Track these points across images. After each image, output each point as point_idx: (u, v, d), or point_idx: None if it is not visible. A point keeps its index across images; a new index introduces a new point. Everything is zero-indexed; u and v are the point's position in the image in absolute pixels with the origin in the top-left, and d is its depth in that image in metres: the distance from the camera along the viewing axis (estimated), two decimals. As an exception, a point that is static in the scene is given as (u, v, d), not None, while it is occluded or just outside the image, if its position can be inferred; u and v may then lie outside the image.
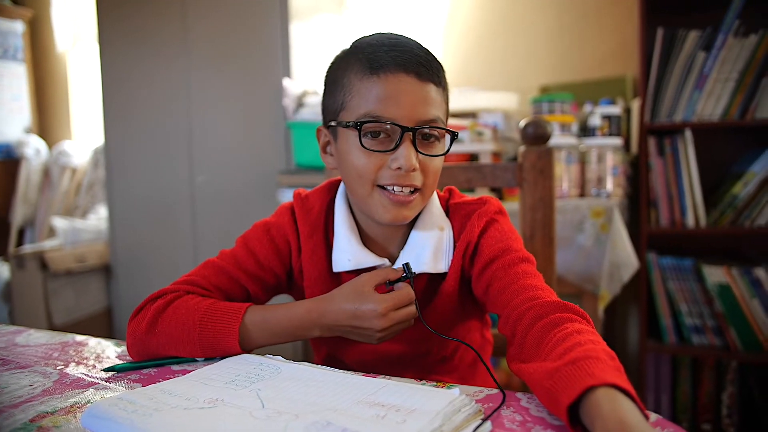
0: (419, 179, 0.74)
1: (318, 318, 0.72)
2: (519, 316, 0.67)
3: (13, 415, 0.58)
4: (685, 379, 1.95)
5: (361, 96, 0.73)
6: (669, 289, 1.91)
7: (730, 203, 1.85)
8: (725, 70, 1.82)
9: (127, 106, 2.58)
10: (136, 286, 2.65)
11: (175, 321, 0.73)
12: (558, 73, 2.39)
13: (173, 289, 0.78)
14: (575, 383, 0.49)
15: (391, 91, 0.71)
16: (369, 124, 0.72)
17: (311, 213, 0.83)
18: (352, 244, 0.80)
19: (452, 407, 0.53)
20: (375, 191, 0.75)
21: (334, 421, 0.50)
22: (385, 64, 0.71)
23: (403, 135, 0.72)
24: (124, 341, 0.84)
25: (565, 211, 1.63)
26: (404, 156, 0.71)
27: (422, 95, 0.72)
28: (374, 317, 0.70)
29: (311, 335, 0.74)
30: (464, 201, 0.84)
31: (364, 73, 0.73)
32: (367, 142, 0.73)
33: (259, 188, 2.30)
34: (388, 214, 0.74)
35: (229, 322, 0.71)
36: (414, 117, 0.72)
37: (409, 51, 0.73)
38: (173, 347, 0.73)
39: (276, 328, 0.73)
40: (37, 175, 3.35)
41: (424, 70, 0.72)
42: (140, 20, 2.49)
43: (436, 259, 0.79)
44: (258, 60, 2.27)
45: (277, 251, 0.83)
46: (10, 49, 3.40)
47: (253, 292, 0.82)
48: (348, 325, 0.72)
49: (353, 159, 0.74)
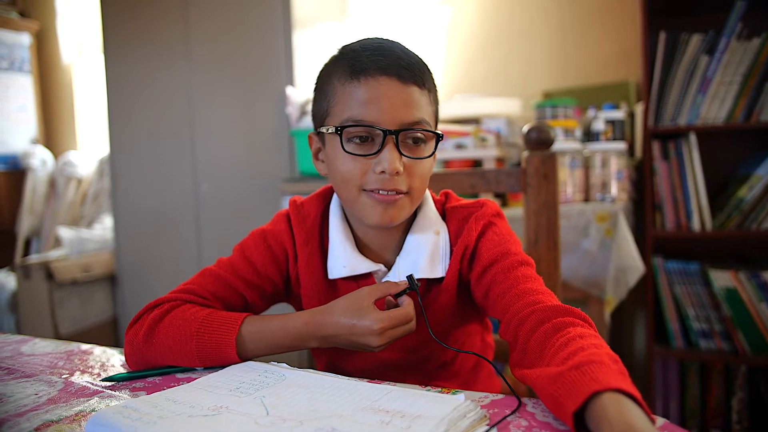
0: (404, 183, 0.74)
1: (315, 330, 0.71)
2: (520, 321, 0.66)
3: (18, 424, 0.58)
4: (693, 384, 1.93)
5: (343, 102, 0.73)
6: (676, 293, 1.90)
7: (736, 206, 1.84)
8: (729, 74, 1.81)
9: (131, 116, 2.60)
10: (141, 296, 2.66)
11: (172, 331, 0.72)
12: (561, 78, 2.39)
13: (170, 299, 0.77)
14: (580, 389, 0.49)
15: (372, 94, 0.71)
16: (350, 129, 0.72)
17: (307, 221, 0.83)
18: (347, 250, 0.80)
19: (457, 413, 0.53)
20: (362, 195, 0.75)
21: (339, 428, 0.50)
22: (366, 68, 0.72)
23: (385, 138, 0.72)
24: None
25: (569, 216, 1.63)
26: (387, 159, 0.71)
27: (404, 98, 0.72)
28: (371, 335, 0.68)
29: (309, 347, 0.73)
30: (461, 204, 0.83)
31: (346, 78, 0.73)
32: (351, 146, 0.73)
33: (263, 196, 2.30)
34: (376, 215, 0.74)
35: (226, 332, 0.71)
36: (396, 120, 0.72)
37: (391, 54, 0.73)
38: (171, 357, 0.72)
39: (272, 340, 0.71)
40: (43, 185, 3.37)
41: (406, 73, 0.72)
42: (144, 31, 2.51)
43: (432, 263, 0.79)
44: (261, 69, 2.28)
45: (274, 259, 0.83)
46: (17, 61, 3.43)
47: (251, 300, 0.82)
48: (344, 339, 0.70)
49: (339, 164, 0.75)
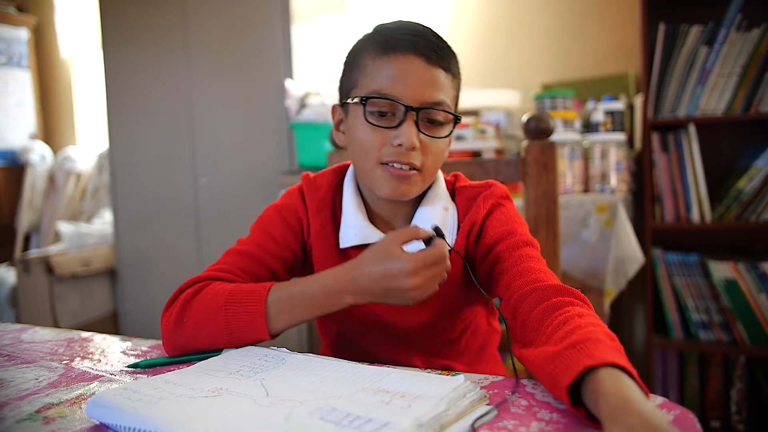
0: (419, 158, 0.76)
1: (348, 284, 0.69)
2: (520, 298, 0.67)
3: (19, 407, 0.58)
4: (692, 375, 1.94)
5: (372, 75, 0.76)
6: (675, 284, 1.90)
7: (736, 198, 1.84)
8: (728, 65, 1.81)
9: (130, 110, 2.59)
10: (141, 290, 2.66)
11: (202, 308, 0.72)
12: (560, 70, 2.39)
13: (200, 278, 0.77)
14: (574, 364, 0.49)
15: (400, 71, 0.74)
16: (374, 100, 0.75)
17: (319, 191, 0.85)
18: (358, 219, 0.82)
19: (457, 393, 0.53)
20: (378, 167, 0.77)
21: (339, 407, 0.50)
22: (397, 46, 0.75)
23: (406, 114, 0.74)
24: (130, 337, 0.84)
25: (569, 207, 1.63)
26: (406, 134, 0.74)
27: (429, 78, 0.75)
28: (403, 276, 0.66)
29: (342, 304, 0.70)
30: (470, 184, 0.85)
31: (377, 53, 0.76)
32: (373, 118, 0.76)
33: (263, 189, 2.30)
34: (388, 187, 0.76)
35: (255, 301, 0.70)
36: (419, 98, 0.74)
37: (423, 35, 0.76)
38: (200, 337, 0.71)
39: (303, 302, 0.70)
40: (43, 180, 3.36)
41: (434, 55, 0.75)
42: (143, 25, 2.51)
43: None
44: (260, 62, 2.28)
45: (291, 229, 0.85)
46: (15, 56, 3.43)
47: (277, 271, 0.83)
48: (379, 287, 0.68)
49: (359, 134, 0.77)
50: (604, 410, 0.44)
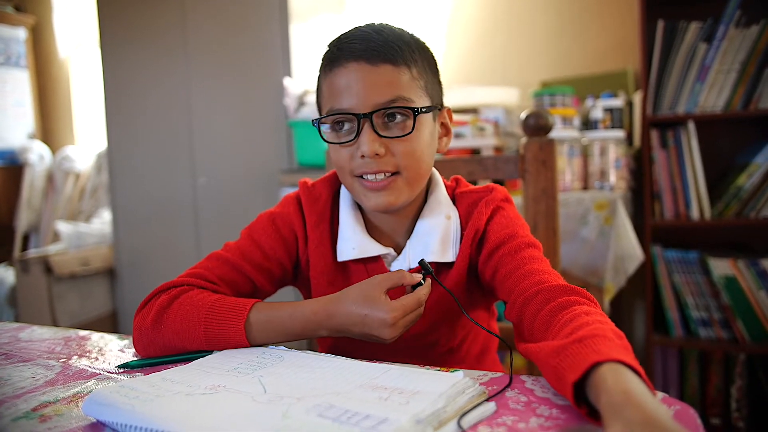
0: (390, 163, 0.74)
1: (325, 319, 0.69)
2: (526, 301, 0.66)
3: (16, 405, 0.58)
4: (693, 373, 1.94)
5: (325, 95, 0.76)
6: (675, 282, 1.90)
7: (735, 195, 1.84)
8: (727, 62, 1.81)
9: (129, 109, 2.59)
10: (140, 289, 2.65)
11: (181, 317, 0.71)
12: (559, 68, 2.39)
13: (178, 283, 0.76)
14: (581, 360, 0.48)
15: (343, 82, 0.73)
16: (330, 117, 0.75)
17: (318, 202, 0.83)
18: (356, 232, 0.80)
19: (456, 389, 0.52)
20: (354, 181, 0.76)
21: (337, 404, 0.50)
22: (335, 58, 0.74)
23: (360, 122, 0.72)
24: (127, 336, 0.84)
25: (568, 205, 1.63)
26: (364, 143, 0.72)
27: (374, 79, 0.72)
28: (383, 326, 0.66)
29: (317, 335, 0.72)
30: (471, 189, 0.84)
31: (324, 73, 0.76)
32: (332, 136, 0.75)
33: (262, 188, 2.30)
34: (372, 200, 0.75)
35: (235, 318, 0.70)
36: (369, 102, 0.72)
37: (360, 39, 0.73)
38: (179, 342, 0.71)
39: (281, 328, 0.70)
40: (41, 180, 3.36)
41: (374, 54, 0.72)
42: (141, 24, 2.50)
43: (443, 247, 0.79)
44: (258, 60, 2.27)
45: (283, 242, 0.83)
46: (13, 55, 3.42)
47: (259, 284, 0.81)
48: (357, 330, 0.68)
49: (331, 153, 0.78)
50: (605, 404, 0.44)
